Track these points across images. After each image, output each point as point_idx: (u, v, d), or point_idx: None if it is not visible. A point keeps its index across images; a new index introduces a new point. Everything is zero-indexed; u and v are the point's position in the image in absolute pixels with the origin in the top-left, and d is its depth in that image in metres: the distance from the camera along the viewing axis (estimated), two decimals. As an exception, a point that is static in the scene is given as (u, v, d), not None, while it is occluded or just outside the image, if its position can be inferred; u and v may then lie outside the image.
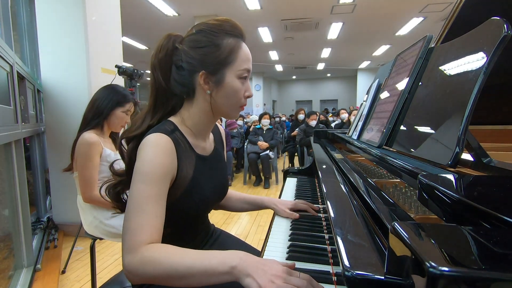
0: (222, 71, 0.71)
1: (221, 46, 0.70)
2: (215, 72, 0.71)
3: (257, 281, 0.51)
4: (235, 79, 0.71)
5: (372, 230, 0.51)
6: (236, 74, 0.71)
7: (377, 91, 1.16)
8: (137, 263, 0.57)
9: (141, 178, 0.63)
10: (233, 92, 0.72)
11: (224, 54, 0.70)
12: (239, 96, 0.73)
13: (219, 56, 0.70)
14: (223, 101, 0.73)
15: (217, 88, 0.72)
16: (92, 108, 1.48)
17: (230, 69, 0.71)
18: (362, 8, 5.82)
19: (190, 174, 0.72)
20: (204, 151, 0.81)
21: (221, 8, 5.74)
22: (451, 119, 0.56)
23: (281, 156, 6.86)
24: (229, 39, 0.71)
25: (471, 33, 0.63)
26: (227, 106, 0.74)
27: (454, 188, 0.42)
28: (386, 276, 0.37)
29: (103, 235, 1.45)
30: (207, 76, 0.71)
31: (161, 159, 0.65)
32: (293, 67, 12.94)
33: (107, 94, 1.50)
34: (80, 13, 2.38)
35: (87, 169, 1.40)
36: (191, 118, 0.76)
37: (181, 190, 0.70)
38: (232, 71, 0.71)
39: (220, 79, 0.71)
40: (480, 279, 0.24)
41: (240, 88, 0.73)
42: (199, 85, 0.72)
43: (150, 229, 0.61)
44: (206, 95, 0.73)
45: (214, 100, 0.73)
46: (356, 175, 0.76)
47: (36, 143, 2.61)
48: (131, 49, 8.64)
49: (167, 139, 0.67)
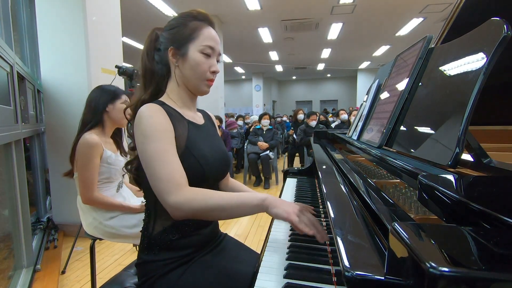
0: (186, 45, 0.82)
1: (187, 25, 0.83)
2: (180, 46, 0.82)
3: (284, 208, 0.67)
4: (198, 53, 0.82)
5: (372, 231, 0.51)
6: (198, 49, 0.82)
7: (377, 92, 1.16)
8: (183, 201, 0.68)
9: (148, 139, 0.72)
10: (196, 64, 0.82)
11: (188, 31, 0.82)
12: (202, 69, 0.82)
13: (184, 33, 0.82)
14: (189, 73, 0.83)
15: (182, 60, 0.82)
16: (89, 108, 1.49)
17: (193, 44, 0.82)
18: (362, 8, 5.82)
19: (185, 134, 0.81)
20: (195, 120, 0.89)
21: (221, 8, 5.74)
22: (451, 119, 0.56)
23: (281, 156, 6.86)
24: (196, 22, 0.84)
25: (471, 34, 0.63)
26: (193, 78, 0.83)
27: (454, 188, 0.42)
28: (386, 277, 0.37)
29: (103, 236, 1.45)
30: (174, 51, 0.83)
31: (158, 118, 0.75)
32: (293, 68, 12.94)
33: (100, 93, 1.51)
34: (80, 13, 2.38)
35: (87, 170, 1.39)
36: (172, 92, 0.86)
37: (181, 148, 0.78)
38: (194, 46, 0.82)
39: (184, 53, 0.82)
40: (480, 279, 0.24)
41: (203, 62, 0.82)
42: (170, 61, 0.84)
43: (180, 173, 0.71)
44: (176, 68, 0.84)
45: (181, 72, 0.84)
46: (356, 176, 0.76)
47: (36, 143, 2.61)
48: (131, 49, 8.64)
49: (157, 106, 0.77)
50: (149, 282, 0.76)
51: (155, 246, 0.78)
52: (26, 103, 2.13)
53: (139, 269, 0.82)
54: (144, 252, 0.80)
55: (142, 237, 0.82)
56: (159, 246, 0.78)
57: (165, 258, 0.78)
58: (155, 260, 0.77)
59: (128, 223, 1.44)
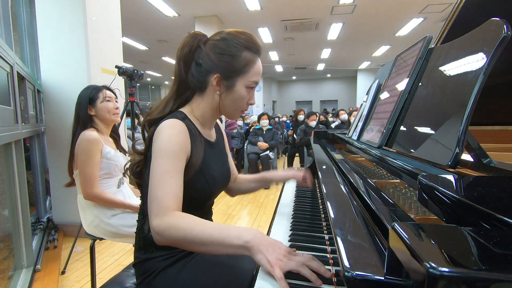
0: (234, 78, 0.79)
1: (239, 57, 0.78)
2: (227, 78, 0.79)
3: (267, 257, 0.58)
4: (244, 88, 0.80)
5: (372, 231, 0.51)
6: (245, 84, 0.80)
7: (377, 92, 1.16)
8: (165, 227, 0.65)
9: (161, 155, 0.71)
10: (239, 98, 0.81)
11: (240, 65, 0.79)
12: (243, 102, 0.83)
13: (235, 65, 0.78)
14: (229, 104, 0.82)
15: (226, 92, 0.81)
16: (75, 116, 1.51)
17: (241, 78, 0.80)
18: (362, 8, 5.82)
19: (201, 155, 0.80)
20: (210, 137, 0.90)
21: (221, 9, 5.74)
22: (451, 119, 0.56)
23: (281, 156, 6.86)
24: (247, 53, 0.79)
25: (471, 34, 0.63)
26: (231, 108, 0.84)
27: (454, 188, 0.42)
28: (386, 277, 0.37)
29: (103, 235, 1.45)
30: (220, 80, 0.80)
31: (178, 137, 0.73)
32: (293, 68, 12.94)
33: (78, 100, 1.52)
34: (80, 13, 2.38)
35: (88, 166, 1.40)
36: (199, 110, 0.85)
37: (195, 168, 0.78)
38: (243, 80, 0.80)
39: (231, 85, 0.80)
40: (480, 280, 0.24)
41: (246, 96, 0.82)
42: (211, 85, 0.81)
43: (174, 197, 0.69)
44: (215, 95, 0.82)
45: (222, 101, 0.82)
46: (356, 176, 0.76)
47: (36, 143, 2.61)
48: (131, 49, 8.64)
49: (181, 123, 0.76)
50: (149, 279, 0.76)
51: (152, 246, 0.78)
52: (26, 103, 2.12)
53: (137, 269, 0.82)
54: (140, 252, 0.80)
55: (137, 237, 0.83)
56: (155, 246, 0.78)
57: (162, 254, 0.78)
58: (152, 257, 0.78)
59: (128, 222, 1.45)
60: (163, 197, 0.68)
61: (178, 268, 0.77)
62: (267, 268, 0.58)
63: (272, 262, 0.57)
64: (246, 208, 3.50)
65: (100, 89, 1.54)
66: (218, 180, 0.86)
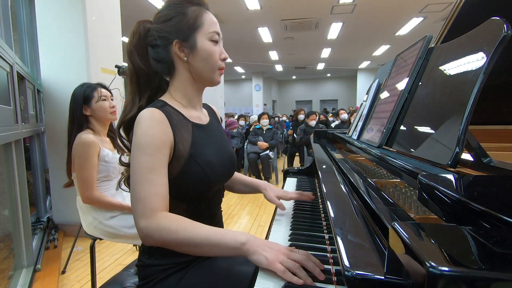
0: (193, 35, 0.76)
1: (187, 13, 0.76)
2: (187, 37, 0.76)
3: (265, 255, 0.58)
4: (207, 41, 0.76)
5: (372, 230, 0.51)
6: (206, 37, 0.76)
7: (377, 91, 1.16)
8: (154, 229, 0.63)
9: (140, 151, 0.67)
10: (208, 54, 0.77)
11: (191, 21, 0.75)
12: (214, 58, 0.78)
13: (187, 22, 0.75)
14: (201, 65, 0.77)
15: (192, 53, 0.76)
16: (70, 117, 1.49)
17: (200, 32, 0.76)
18: (362, 8, 5.81)
19: (189, 141, 0.76)
20: (200, 120, 0.84)
21: (221, 8, 5.74)
22: (451, 119, 0.56)
23: (281, 156, 6.86)
24: (193, 7, 0.77)
25: (471, 33, 0.63)
26: (206, 69, 0.78)
27: (454, 188, 0.42)
28: (386, 276, 0.37)
29: (103, 236, 1.45)
30: (181, 44, 0.76)
31: (155, 129, 0.69)
32: (293, 67, 12.93)
33: (72, 99, 1.50)
34: (80, 13, 2.38)
35: (85, 170, 1.39)
36: (177, 90, 0.80)
37: (184, 157, 0.73)
38: (202, 34, 0.76)
39: (193, 44, 0.76)
40: (480, 279, 0.24)
41: (214, 50, 0.77)
42: (175, 55, 0.77)
43: (159, 197, 0.66)
44: (184, 63, 0.77)
45: (192, 66, 0.78)
46: (356, 175, 0.76)
47: (36, 143, 2.61)
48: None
49: (158, 112, 0.71)
50: (149, 285, 0.76)
51: (157, 252, 0.76)
52: (26, 103, 2.12)
53: (139, 270, 0.81)
54: (145, 255, 0.79)
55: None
56: (160, 252, 0.76)
57: (165, 263, 0.76)
58: (155, 264, 0.76)
59: (128, 223, 1.44)
60: (148, 198, 0.65)
61: (178, 277, 0.75)
62: (267, 266, 0.58)
63: (271, 259, 0.57)
64: (246, 208, 3.50)
65: (95, 87, 1.51)
66: (217, 165, 0.79)
